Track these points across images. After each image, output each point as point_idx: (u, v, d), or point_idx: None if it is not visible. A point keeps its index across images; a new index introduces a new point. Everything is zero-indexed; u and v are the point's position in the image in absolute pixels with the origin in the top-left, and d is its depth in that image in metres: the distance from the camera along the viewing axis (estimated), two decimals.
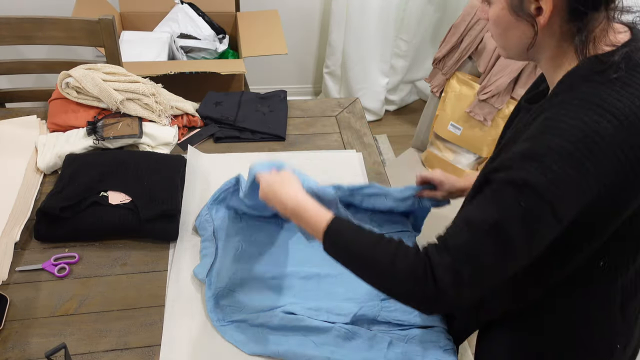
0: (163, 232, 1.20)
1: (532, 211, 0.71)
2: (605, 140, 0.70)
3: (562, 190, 0.71)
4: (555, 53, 0.80)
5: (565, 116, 0.72)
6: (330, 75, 2.76)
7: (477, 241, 0.75)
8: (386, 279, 0.83)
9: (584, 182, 0.71)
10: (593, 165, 0.70)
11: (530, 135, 0.74)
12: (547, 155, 0.70)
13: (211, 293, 1.09)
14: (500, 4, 0.78)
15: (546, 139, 0.72)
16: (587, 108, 0.72)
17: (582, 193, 0.72)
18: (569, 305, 0.89)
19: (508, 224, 0.73)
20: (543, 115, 0.76)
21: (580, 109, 0.72)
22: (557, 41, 0.78)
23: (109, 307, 1.08)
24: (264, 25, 2.21)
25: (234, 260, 1.15)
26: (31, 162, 1.35)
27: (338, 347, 1.03)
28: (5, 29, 1.56)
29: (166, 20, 2.24)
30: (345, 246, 0.87)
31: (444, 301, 0.78)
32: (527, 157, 0.72)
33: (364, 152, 1.50)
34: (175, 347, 1.02)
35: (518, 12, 0.76)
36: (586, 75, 0.75)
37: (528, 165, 0.71)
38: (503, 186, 0.73)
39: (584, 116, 0.71)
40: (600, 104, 0.72)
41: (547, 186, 0.70)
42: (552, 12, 0.74)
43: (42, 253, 1.17)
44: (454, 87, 2.22)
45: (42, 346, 1.00)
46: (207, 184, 1.35)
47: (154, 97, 1.45)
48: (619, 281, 0.85)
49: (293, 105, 1.65)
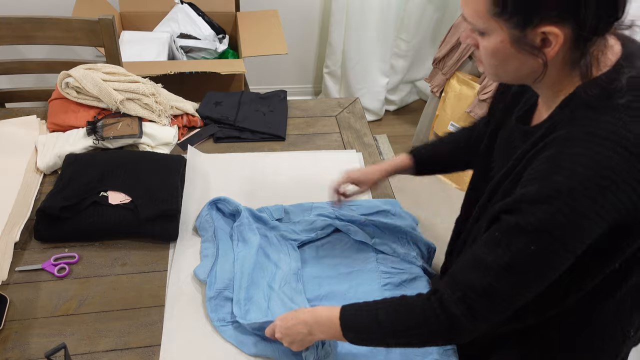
0: (163, 232, 1.20)
1: (544, 252, 0.72)
2: (618, 175, 0.69)
3: (573, 229, 0.71)
4: (557, 79, 0.77)
5: (574, 154, 0.70)
6: (330, 75, 2.76)
7: (488, 279, 0.76)
8: (411, 338, 0.85)
9: (598, 218, 0.70)
10: (607, 201, 0.70)
11: (538, 175, 0.73)
12: (558, 198, 0.69)
13: (211, 294, 1.09)
14: (499, 36, 0.73)
15: (555, 181, 0.70)
16: (596, 143, 0.70)
17: (596, 227, 0.71)
18: (586, 310, 0.89)
19: (519, 264, 0.74)
20: (549, 152, 0.74)
21: (589, 144, 0.70)
22: (559, 68, 0.76)
23: (109, 307, 1.08)
24: (264, 25, 2.21)
25: (234, 261, 1.15)
26: (31, 162, 1.35)
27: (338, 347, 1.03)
28: (6, 29, 1.56)
29: (166, 20, 2.24)
30: (365, 335, 0.89)
31: (464, 333, 0.81)
32: (536, 200, 0.71)
33: (364, 152, 1.50)
34: (175, 347, 1.02)
35: (521, 45, 0.72)
36: (590, 102, 0.73)
37: (538, 210, 0.71)
38: (514, 231, 0.74)
39: (594, 153, 0.69)
40: (609, 137, 0.70)
41: (558, 228, 0.70)
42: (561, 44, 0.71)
43: (42, 253, 1.17)
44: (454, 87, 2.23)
45: (42, 346, 1.00)
46: (207, 184, 1.35)
47: (154, 97, 1.45)
48: (634, 277, 0.85)
49: (293, 105, 1.65)
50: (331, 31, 2.57)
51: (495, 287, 0.76)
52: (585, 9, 0.66)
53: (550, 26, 0.69)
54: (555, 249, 0.72)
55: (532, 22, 0.69)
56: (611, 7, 0.69)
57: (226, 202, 1.25)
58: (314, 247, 1.23)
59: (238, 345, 1.03)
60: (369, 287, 1.14)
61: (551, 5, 0.67)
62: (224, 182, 1.36)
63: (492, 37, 0.74)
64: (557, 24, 0.68)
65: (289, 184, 1.38)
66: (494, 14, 0.71)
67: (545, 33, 0.70)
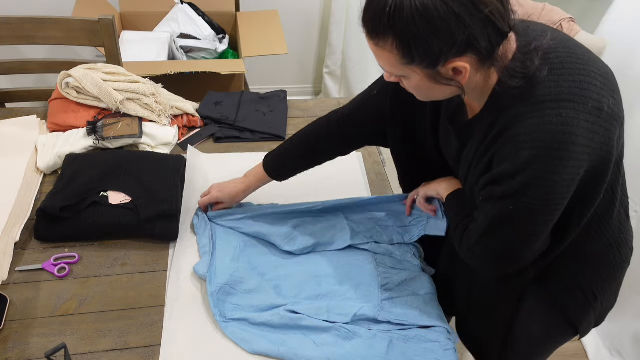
0: (163, 232, 1.20)
1: (524, 210, 0.83)
2: (572, 127, 0.76)
3: (549, 188, 0.80)
4: (478, 84, 0.84)
5: (528, 125, 0.78)
6: (330, 75, 2.76)
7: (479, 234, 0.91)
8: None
9: (570, 170, 0.79)
10: (573, 154, 0.77)
11: (507, 155, 0.81)
12: (527, 168, 0.79)
13: (213, 289, 1.09)
14: (417, 76, 0.82)
15: (522, 155, 0.79)
16: (542, 107, 0.78)
17: (570, 179, 0.80)
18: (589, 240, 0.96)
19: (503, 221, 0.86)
20: (509, 132, 0.81)
21: (537, 112, 0.78)
22: (477, 79, 0.83)
23: (109, 307, 1.08)
24: (264, 25, 2.21)
25: (232, 259, 1.16)
26: (31, 162, 1.35)
27: (338, 347, 1.03)
28: (5, 29, 1.56)
29: (166, 20, 2.24)
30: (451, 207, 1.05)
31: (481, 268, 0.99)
32: (512, 174, 0.81)
33: (364, 152, 1.50)
34: (175, 347, 1.02)
35: (437, 79, 0.81)
36: (513, 91, 0.80)
37: (514, 182, 0.81)
38: (497, 197, 0.85)
39: (544, 116, 0.77)
40: (551, 99, 0.78)
41: (534, 191, 0.80)
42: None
43: (42, 253, 1.17)
44: None
45: (42, 346, 1.00)
46: (207, 184, 1.35)
47: (154, 97, 1.45)
48: (618, 195, 0.93)
49: (293, 105, 1.65)
50: (331, 31, 2.57)
51: (486, 239, 0.90)
52: (477, 42, 0.75)
53: (456, 61, 0.77)
54: (535, 206, 0.82)
55: (439, 62, 0.78)
56: (497, 32, 0.76)
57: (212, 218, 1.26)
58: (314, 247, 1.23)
59: (239, 343, 1.03)
60: (369, 287, 1.14)
61: (448, 49, 0.75)
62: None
63: (411, 78, 0.84)
64: (460, 57, 0.77)
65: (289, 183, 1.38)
66: (406, 64, 0.80)
67: (455, 66, 0.78)
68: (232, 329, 1.04)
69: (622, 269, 1.02)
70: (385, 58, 0.81)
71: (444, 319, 1.11)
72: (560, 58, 0.80)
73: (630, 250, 1.02)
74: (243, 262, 1.16)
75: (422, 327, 1.08)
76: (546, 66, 0.79)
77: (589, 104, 0.77)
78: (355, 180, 1.40)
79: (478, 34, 0.75)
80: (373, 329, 1.07)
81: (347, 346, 1.04)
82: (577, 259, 0.98)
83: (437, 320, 1.09)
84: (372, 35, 0.80)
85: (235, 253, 1.17)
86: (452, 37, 0.74)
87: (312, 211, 1.27)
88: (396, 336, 1.06)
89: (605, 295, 1.02)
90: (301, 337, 1.04)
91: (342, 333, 1.05)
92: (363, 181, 1.41)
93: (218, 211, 1.26)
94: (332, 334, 1.05)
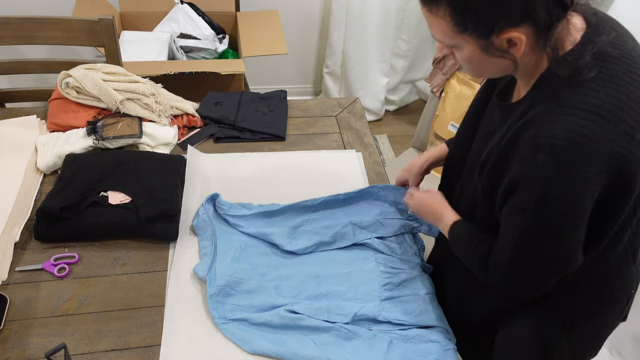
0: (163, 232, 1.20)
1: (547, 223, 0.79)
2: (594, 140, 0.73)
3: (567, 197, 0.77)
4: (529, 66, 0.82)
5: (551, 129, 0.75)
6: (330, 75, 2.76)
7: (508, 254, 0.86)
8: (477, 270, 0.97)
9: (586, 183, 0.75)
10: (591, 166, 0.74)
11: (524, 155, 0.79)
12: (544, 175, 0.76)
13: (212, 291, 1.09)
14: (469, 47, 0.79)
15: (539, 159, 0.76)
16: (570, 113, 0.74)
17: (586, 191, 0.76)
18: (592, 271, 0.93)
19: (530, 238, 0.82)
20: (530, 132, 0.78)
21: (563, 116, 0.75)
22: (528, 58, 0.80)
23: (109, 307, 1.08)
24: (264, 25, 2.21)
25: (233, 259, 1.15)
26: (31, 162, 1.35)
27: (338, 347, 1.03)
28: (5, 29, 1.56)
29: (166, 20, 2.24)
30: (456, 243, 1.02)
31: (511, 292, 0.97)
32: (528, 179, 0.78)
33: (364, 152, 1.50)
34: (175, 347, 1.02)
35: (490, 51, 0.78)
36: (561, 81, 0.77)
37: (531, 189, 0.78)
38: (517, 208, 0.82)
39: (569, 123, 0.74)
40: (581, 106, 0.74)
41: (552, 199, 0.77)
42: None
43: (42, 253, 1.17)
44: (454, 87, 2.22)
45: (42, 346, 1.00)
46: (207, 184, 1.35)
47: (154, 97, 1.45)
48: (627, 233, 0.90)
49: (293, 105, 1.65)
50: (331, 31, 2.57)
51: (516, 260, 0.85)
52: (536, 11, 0.72)
53: (511, 31, 0.74)
54: (558, 219, 0.78)
55: (494, 32, 0.74)
56: (558, 2, 0.73)
57: (218, 203, 1.26)
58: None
59: (239, 344, 1.03)
60: (369, 287, 1.14)
61: (505, 16, 0.72)
62: (224, 182, 1.36)
63: (463, 49, 0.81)
64: (516, 27, 0.74)
65: (288, 184, 1.38)
66: (458, 32, 0.77)
67: (509, 37, 0.75)
68: (232, 330, 1.04)
69: (608, 312, 0.99)
70: (438, 26, 0.78)
71: (444, 319, 1.11)
72: (615, 70, 0.76)
73: (626, 296, 0.98)
74: (243, 262, 1.16)
75: (422, 327, 1.08)
76: (596, 68, 0.76)
77: (620, 126, 0.74)
78: (355, 180, 1.40)
79: (537, 2, 0.71)
80: (373, 329, 1.07)
81: (347, 346, 1.04)
82: (567, 286, 0.94)
83: (438, 320, 1.09)
84: (425, 0, 0.77)
85: (236, 253, 1.17)
86: (508, 4, 0.71)
87: (312, 208, 1.27)
88: (396, 336, 1.06)
89: (586, 331, 0.99)
90: (301, 337, 1.04)
91: (342, 333, 1.05)
92: (363, 181, 1.41)
93: (221, 203, 1.26)
94: (332, 334, 1.05)
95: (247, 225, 1.24)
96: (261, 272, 1.16)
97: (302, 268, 1.18)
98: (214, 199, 1.27)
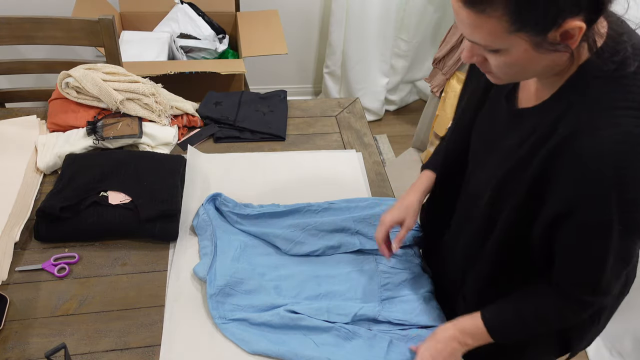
0: (163, 232, 1.20)
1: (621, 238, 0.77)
2: None
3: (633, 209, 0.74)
4: (559, 61, 0.76)
5: (604, 136, 0.71)
6: (330, 75, 2.76)
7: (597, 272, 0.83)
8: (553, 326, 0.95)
9: None
10: None
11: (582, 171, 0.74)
12: (609, 191, 0.72)
13: (212, 291, 1.09)
14: (521, 47, 0.72)
15: (600, 172, 0.72)
16: (620, 115, 0.71)
17: None
18: None
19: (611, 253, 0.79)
20: (580, 142, 0.73)
21: (613, 119, 0.71)
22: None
23: (109, 307, 1.08)
24: (264, 25, 2.21)
25: (233, 259, 1.15)
26: (31, 162, 1.35)
27: (338, 347, 1.03)
28: (5, 29, 1.56)
29: (166, 20, 2.24)
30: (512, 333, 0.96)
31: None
32: (591, 198, 0.74)
33: (364, 152, 1.50)
34: (175, 347, 1.02)
35: (543, 47, 0.71)
36: (603, 76, 0.73)
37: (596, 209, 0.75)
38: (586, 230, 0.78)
39: (625, 126, 0.71)
40: (632, 106, 0.71)
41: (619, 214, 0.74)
42: None
43: (42, 253, 1.17)
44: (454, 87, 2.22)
45: (42, 346, 1.00)
46: (207, 184, 1.35)
47: (154, 97, 1.45)
48: None
49: (293, 105, 1.65)
50: (331, 31, 2.57)
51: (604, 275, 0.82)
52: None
53: (573, 20, 0.68)
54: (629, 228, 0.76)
55: (556, 23, 0.68)
56: None
57: (223, 200, 1.25)
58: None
59: (239, 344, 1.03)
60: (369, 287, 1.14)
61: (570, 5, 0.66)
62: (224, 182, 1.36)
63: (511, 51, 0.73)
64: (577, 17, 0.68)
65: (289, 184, 1.38)
66: (514, 32, 0.70)
67: (570, 28, 0.68)
68: (232, 330, 1.04)
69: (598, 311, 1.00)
70: (489, 28, 0.70)
71: (444, 319, 1.11)
72: None
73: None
74: (243, 262, 1.16)
75: (423, 327, 1.08)
76: (638, 59, 0.71)
77: None
78: (355, 180, 1.40)
79: None
80: (373, 329, 1.07)
81: (347, 346, 1.04)
82: None
83: (438, 320, 1.09)
84: (475, 1, 0.69)
85: (236, 253, 1.17)
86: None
87: (317, 212, 1.26)
88: (396, 336, 1.06)
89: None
90: (301, 337, 1.04)
91: (342, 333, 1.05)
92: (363, 181, 1.41)
93: (227, 200, 1.25)
94: (332, 334, 1.05)
95: (251, 225, 1.23)
96: (261, 272, 1.16)
97: (302, 268, 1.18)
98: (214, 199, 1.27)
